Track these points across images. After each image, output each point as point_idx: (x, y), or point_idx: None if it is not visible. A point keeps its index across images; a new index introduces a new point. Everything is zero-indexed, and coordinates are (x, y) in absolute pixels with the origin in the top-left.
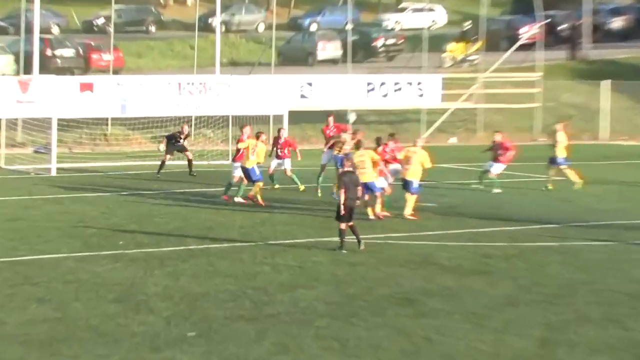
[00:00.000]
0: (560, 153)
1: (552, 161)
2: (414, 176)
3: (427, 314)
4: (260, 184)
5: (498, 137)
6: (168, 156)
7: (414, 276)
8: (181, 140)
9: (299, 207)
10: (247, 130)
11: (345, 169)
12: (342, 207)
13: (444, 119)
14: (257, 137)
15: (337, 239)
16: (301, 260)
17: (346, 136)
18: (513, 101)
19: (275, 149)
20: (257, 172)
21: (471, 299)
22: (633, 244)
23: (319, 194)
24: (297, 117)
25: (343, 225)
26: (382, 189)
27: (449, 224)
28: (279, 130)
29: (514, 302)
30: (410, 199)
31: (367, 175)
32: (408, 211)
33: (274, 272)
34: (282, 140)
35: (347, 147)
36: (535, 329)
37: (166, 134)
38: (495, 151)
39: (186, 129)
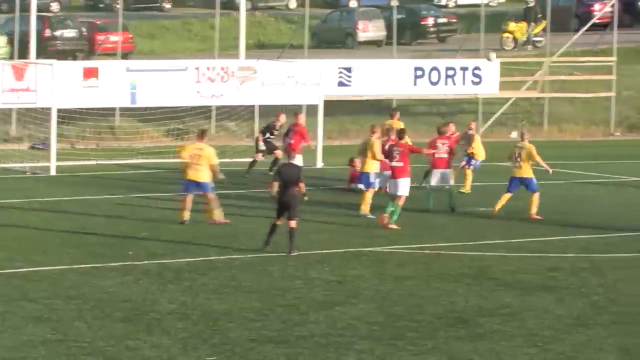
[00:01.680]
0: None
1: None
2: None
3: (484, 336)
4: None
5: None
6: (260, 155)
7: (469, 293)
8: (276, 133)
9: (336, 211)
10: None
11: (288, 161)
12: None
13: (503, 110)
14: None
15: (380, 249)
16: (339, 273)
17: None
18: (585, 90)
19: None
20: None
21: (535, 319)
22: None
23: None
24: (334, 108)
25: (277, 221)
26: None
27: (510, 231)
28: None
29: (585, 323)
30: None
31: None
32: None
33: (307, 288)
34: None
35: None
36: (610, 354)
37: (263, 126)
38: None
39: (283, 118)
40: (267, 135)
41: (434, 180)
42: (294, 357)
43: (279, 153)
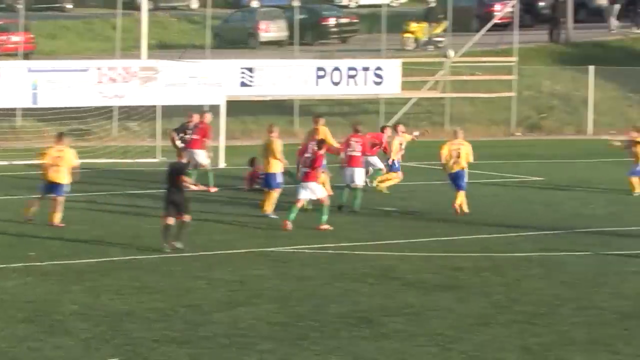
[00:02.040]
0: None
1: None
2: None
3: (388, 335)
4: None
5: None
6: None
7: (372, 292)
8: (190, 133)
9: (239, 212)
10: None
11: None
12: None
13: (405, 110)
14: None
15: (283, 249)
16: (241, 274)
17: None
18: (486, 90)
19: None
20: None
21: (438, 319)
22: (624, 254)
23: None
24: (237, 108)
25: (167, 220)
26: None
27: (412, 231)
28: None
29: (488, 322)
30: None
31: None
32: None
33: (209, 288)
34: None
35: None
36: (511, 353)
37: (176, 126)
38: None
39: (197, 117)
40: (182, 135)
41: (347, 179)
42: (196, 358)
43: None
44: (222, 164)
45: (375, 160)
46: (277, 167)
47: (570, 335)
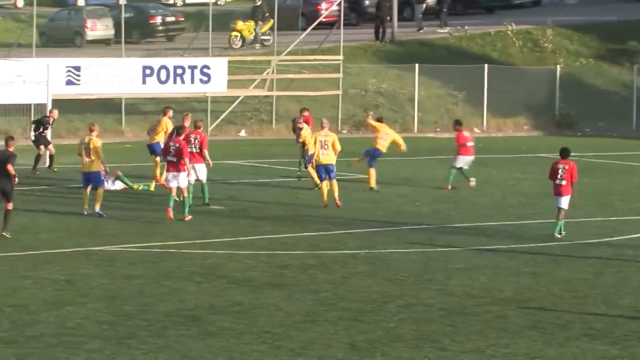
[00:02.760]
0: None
1: None
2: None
3: (215, 333)
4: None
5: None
6: (42, 147)
7: (200, 291)
8: (49, 128)
9: (67, 210)
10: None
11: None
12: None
13: (232, 108)
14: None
15: (110, 248)
16: (68, 273)
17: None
18: (312, 88)
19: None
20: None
21: (265, 317)
22: (449, 251)
23: None
24: (64, 107)
25: None
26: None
27: (239, 230)
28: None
29: (315, 320)
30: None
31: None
32: None
33: (36, 287)
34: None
35: None
36: (338, 350)
37: (36, 119)
38: None
39: (56, 113)
40: (41, 129)
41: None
42: (23, 358)
43: (42, 149)
44: (48, 163)
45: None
46: (99, 165)
47: (397, 332)
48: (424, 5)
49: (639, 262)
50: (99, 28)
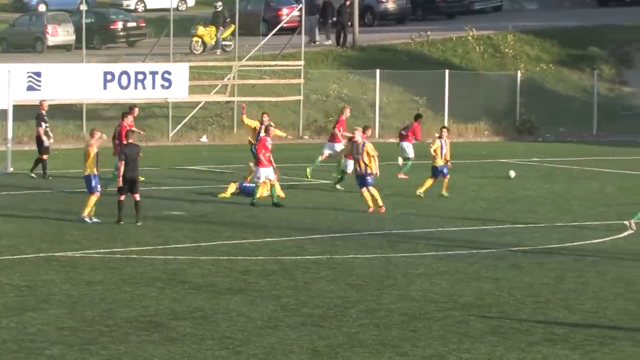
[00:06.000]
0: None
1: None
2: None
3: (176, 339)
4: None
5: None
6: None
7: (161, 296)
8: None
9: (28, 216)
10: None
11: (129, 141)
12: (120, 179)
13: (193, 114)
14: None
15: (72, 253)
16: (29, 278)
17: None
18: (274, 94)
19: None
20: None
21: (226, 322)
22: (411, 256)
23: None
24: (25, 113)
25: (122, 197)
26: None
27: (200, 235)
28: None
29: (276, 325)
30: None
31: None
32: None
33: None
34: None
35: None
36: (300, 356)
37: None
38: None
39: (46, 105)
40: (45, 125)
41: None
42: None
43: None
44: (9, 169)
45: None
46: (93, 169)
47: (359, 337)
48: (317, 16)
49: (600, 267)
50: (60, 34)
